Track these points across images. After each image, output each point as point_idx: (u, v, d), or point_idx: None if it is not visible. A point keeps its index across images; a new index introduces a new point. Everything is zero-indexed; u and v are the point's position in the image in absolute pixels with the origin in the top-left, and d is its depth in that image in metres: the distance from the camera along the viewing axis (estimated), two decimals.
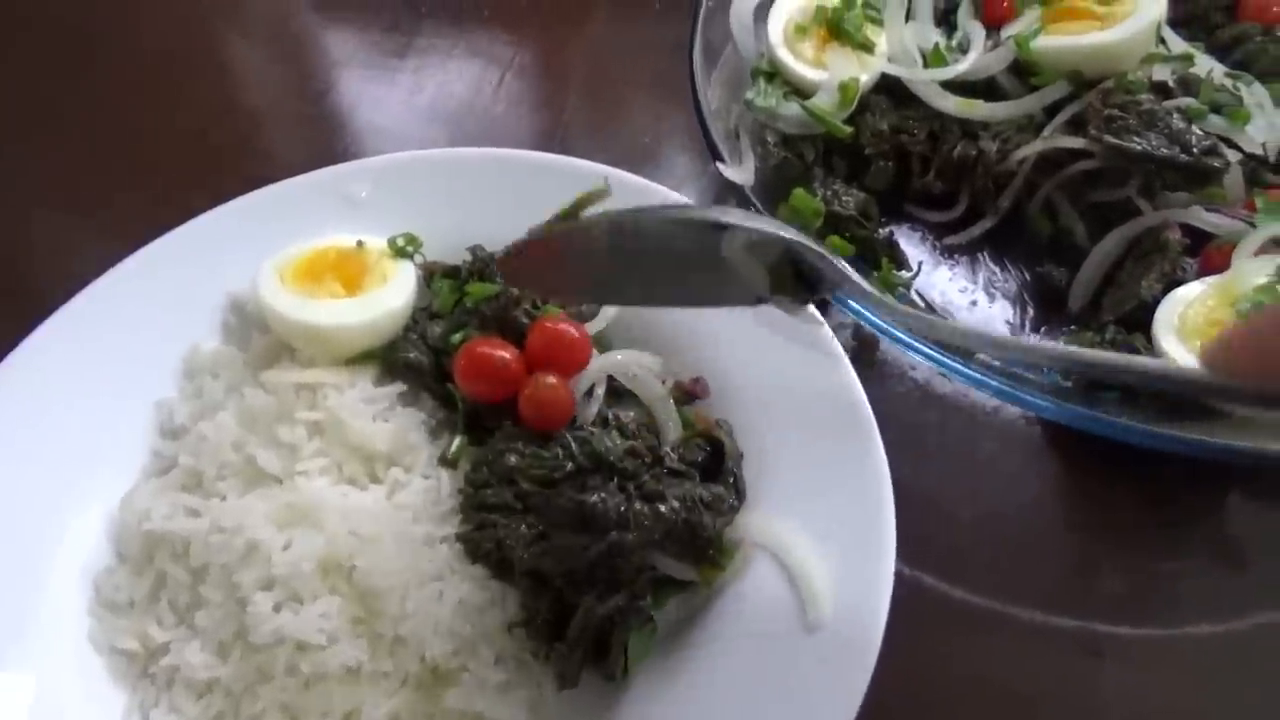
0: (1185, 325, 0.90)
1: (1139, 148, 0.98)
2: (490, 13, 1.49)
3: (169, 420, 0.91)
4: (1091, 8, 1.09)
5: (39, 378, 0.90)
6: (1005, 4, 1.18)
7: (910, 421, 1.01)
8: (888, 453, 0.83)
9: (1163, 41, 1.11)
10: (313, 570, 0.75)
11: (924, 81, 1.11)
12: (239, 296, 0.98)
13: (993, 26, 1.19)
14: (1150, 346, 0.93)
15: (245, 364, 0.94)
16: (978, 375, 0.84)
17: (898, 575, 0.78)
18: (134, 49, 1.44)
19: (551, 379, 0.84)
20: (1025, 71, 1.11)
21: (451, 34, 1.47)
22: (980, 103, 1.09)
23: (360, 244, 0.96)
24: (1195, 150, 0.98)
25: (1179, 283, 0.96)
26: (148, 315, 0.95)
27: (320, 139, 1.33)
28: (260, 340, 0.95)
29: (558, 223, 0.95)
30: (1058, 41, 1.09)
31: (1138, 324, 0.96)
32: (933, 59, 1.13)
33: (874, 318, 0.88)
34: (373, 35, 1.46)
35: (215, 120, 1.34)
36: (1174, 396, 0.89)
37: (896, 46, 1.14)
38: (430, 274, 0.99)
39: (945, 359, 0.85)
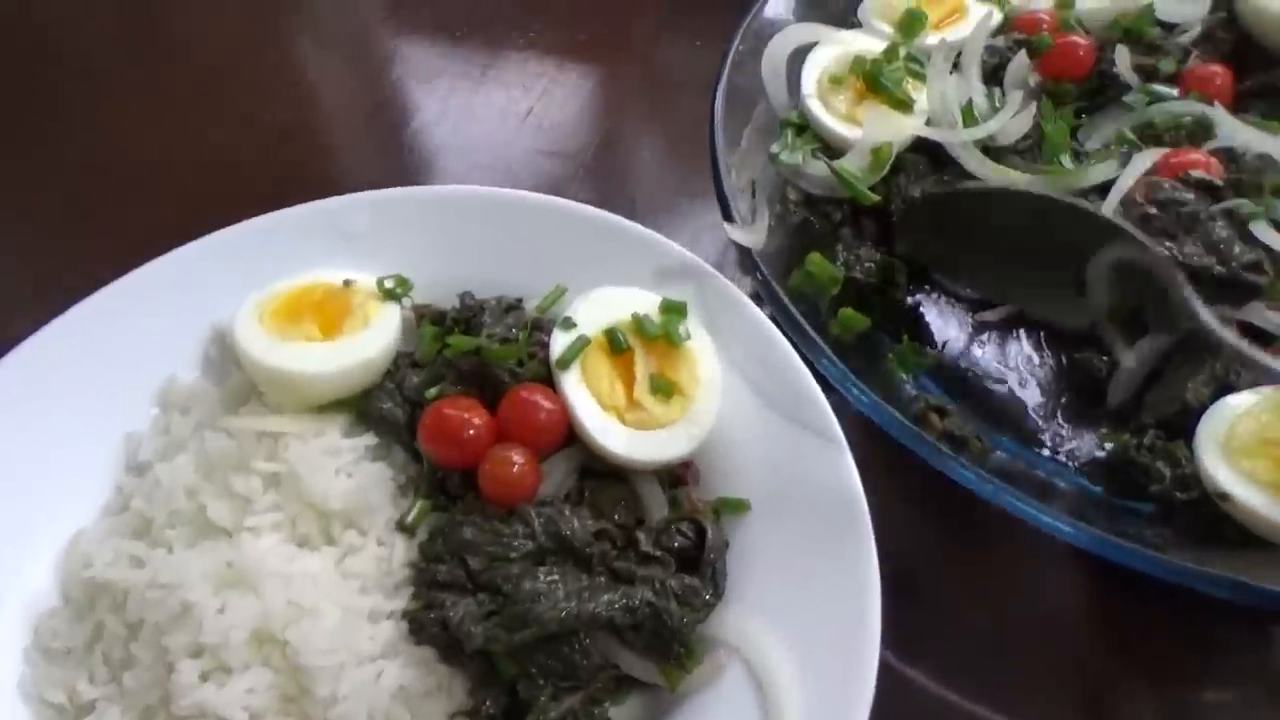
0: (1233, 441, 0.80)
1: (1167, 254, 0.89)
2: (526, 41, 1.46)
3: (135, 455, 0.87)
4: None
5: (12, 400, 0.86)
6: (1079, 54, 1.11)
7: (927, 510, 0.94)
8: (897, 541, 0.77)
9: None
10: (244, 640, 0.71)
11: (960, 144, 1.03)
12: (223, 327, 0.94)
13: (1051, 81, 1.12)
14: (1192, 459, 0.83)
15: (220, 400, 0.90)
16: (988, 487, 0.76)
17: (895, 677, 0.74)
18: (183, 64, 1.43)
19: (515, 454, 0.78)
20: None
21: (483, 61, 1.43)
22: (1015, 172, 1.01)
23: (347, 283, 0.92)
24: (1234, 263, 0.89)
25: (1231, 388, 0.86)
26: (129, 342, 0.91)
27: (343, 162, 1.31)
28: (237, 375, 0.91)
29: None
30: None
31: (1180, 429, 0.87)
32: (964, 117, 1.05)
33: (882, 415, 0.81)
34: (409, 58, 1.44)
35: (245, 137, 1.32)
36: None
37: (937, 104, 1.06)
38: (420, 317, 0.95)
39: (953, 464, 0.77)
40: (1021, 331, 1.04)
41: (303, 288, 0.92)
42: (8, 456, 0.84)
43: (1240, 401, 0.83)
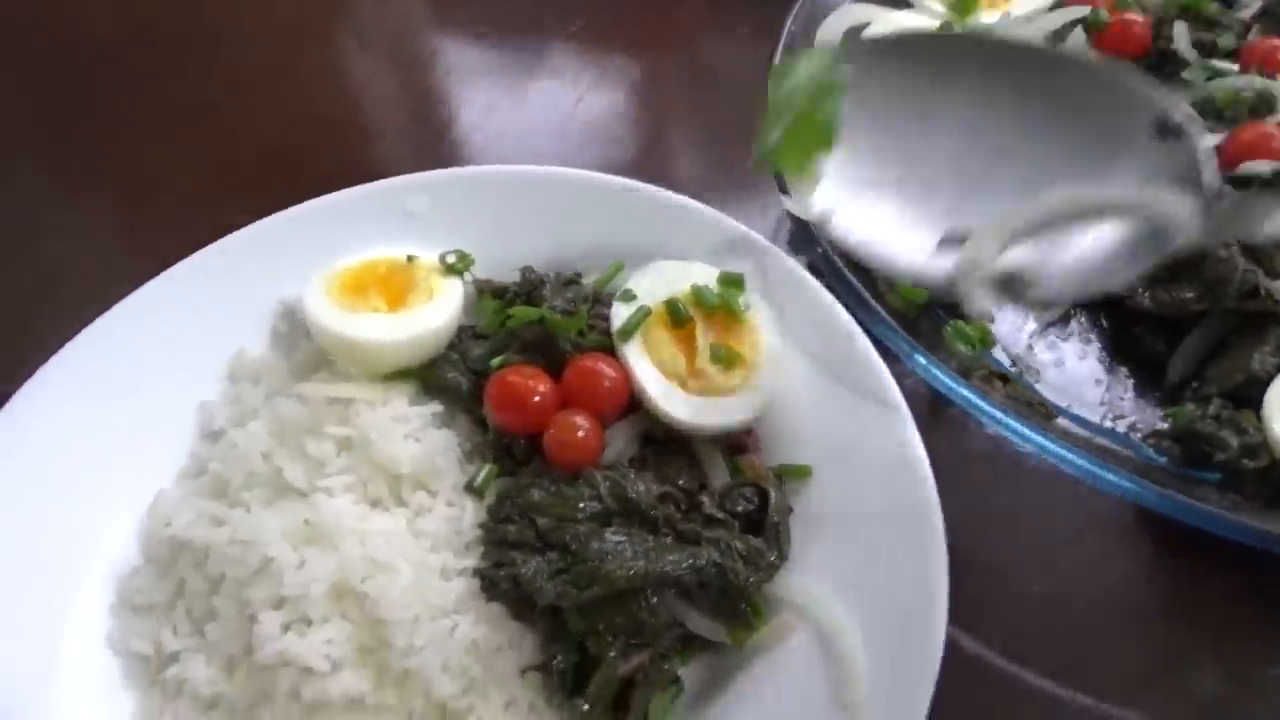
0: None
1: None
2: (568, 36, 1.48)
3: (209, 423, 0.90)
4: None
5: (90, 373, 0.89)
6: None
7: (983, 481, 0.94)
8: (955, 513, 0.76)
9: None
10: (324, 593, 0.73)
11: None
12: (290, 303, 0.97)
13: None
14: (1260, 427, 0.82)
15: (289, 371, 0.93)
16: (1055, 448, 0.76)
17: (954, 647, 0.72)
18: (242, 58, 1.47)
19: (579, 419, 0.79)
20: None
21: (527, 57, 1.45)
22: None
23: (410, 259, 0.94)
24: None
25: None
26: (199, 317, 0.94)
27: (400, 149, 1.33)
28: (305, 348, 0.94)
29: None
30: None
31: (1247, 399, 0.86)
32: None
33: (946, 379, 0.81)
34: (453, 57, 1.46)
35: (300, 126, 1.35)
36: None
37: None
38: (481, 292, 0.97)
39: (1020, 426, 0.77)
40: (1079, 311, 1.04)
41: (367, 264, 0.94)
42: (88, 427, 0.87)
43: None
